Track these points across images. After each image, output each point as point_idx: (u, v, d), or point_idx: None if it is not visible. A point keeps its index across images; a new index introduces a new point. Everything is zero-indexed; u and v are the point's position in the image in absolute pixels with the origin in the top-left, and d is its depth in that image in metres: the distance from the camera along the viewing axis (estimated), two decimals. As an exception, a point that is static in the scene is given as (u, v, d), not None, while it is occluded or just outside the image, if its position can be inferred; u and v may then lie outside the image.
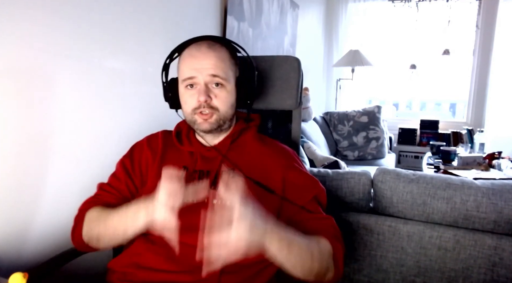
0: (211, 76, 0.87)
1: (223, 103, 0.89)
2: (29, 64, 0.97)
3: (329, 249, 0.81)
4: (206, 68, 0.87)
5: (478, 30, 3.87)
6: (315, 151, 2.56)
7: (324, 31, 4.19)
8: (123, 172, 0.95)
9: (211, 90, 0.88)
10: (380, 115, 3.54)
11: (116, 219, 0.82)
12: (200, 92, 0.87)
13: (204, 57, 0.87)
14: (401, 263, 1.27)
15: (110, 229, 0.83)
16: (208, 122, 0.89)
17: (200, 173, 0.91)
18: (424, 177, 1.27)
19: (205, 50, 0.88)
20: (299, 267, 0.75)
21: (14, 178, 0.97)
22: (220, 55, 0.89)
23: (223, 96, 0.89)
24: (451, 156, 2.83)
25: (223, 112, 0.90)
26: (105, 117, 1.24)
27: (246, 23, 2.18)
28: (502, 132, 3.73)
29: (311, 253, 0.76)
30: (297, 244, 0.74)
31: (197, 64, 0.87)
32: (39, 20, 0.98)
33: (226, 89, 0.89)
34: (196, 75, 0.87)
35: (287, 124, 1.24)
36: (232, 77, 0.91)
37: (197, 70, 0.87)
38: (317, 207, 0.90)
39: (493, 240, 1.17)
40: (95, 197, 0.95)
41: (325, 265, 0.79)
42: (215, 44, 0.90)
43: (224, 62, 0.89)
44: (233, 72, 0.92)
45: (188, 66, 0.89)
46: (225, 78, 0.88)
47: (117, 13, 1.24)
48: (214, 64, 0.87)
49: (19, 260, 0.99)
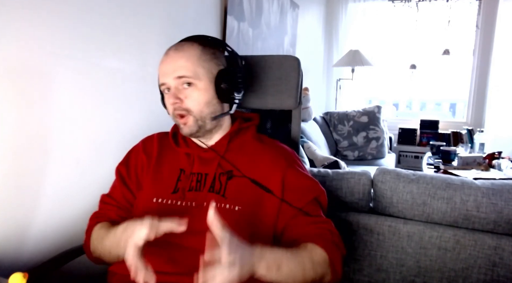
0: (177, 78, 0.87)
1: (195, 103, 0.88)
2: (29, 64, 0.97)
3: (324, 257, 0.82)
4: (172, 71, 0.87)
5: (478, 30, 3.87)
6: (315, 151, 2.56)
7: (324, 31, 4.19)
8: (119, 180, 0.96)
9: (181, 92, 0.88)
10: (380, 115, 3.54)
11: (109, 244, 0.85)
12: (169, 96, 0.88)
13: (170, 60, 0.88)
14: (401, 263, 1.27)
15: (106, 251, 0.86)
16: (187, 126, 0.89)
17: (197, 175, 0.90)
18: (424, 177, 1.27)
19: (172, 53, 0.89)
20: (290, 281, 0.76)
21: (14, 178, 0.97)
22: (187, 54, 0.88)
23: (195, 96, 0.88)
24: (451, 156, 2.83)
25: (198, 112, 0.88)
26: (105, 117, 1.24)
27: (246, 23, 2.18)
28: (502, 132, 3.73)
29: (302, 266, 0.77)
30: (286, 262, 0.75)
31: (165, 68, 0.88)
32: (39, 20, 0.98)
33: (197, 88, 0.88)
34: (165, 81, 0.88)
35: (287, 124, 1.23)
36: (205, 75, 0.88)
37: (165, 75, 0.88)
38: (317, 209, 0.90)
39: (493, 240, 1.17)
40: (99, 212, 0.97)
41: (320, 273, 0.80)
42: (184, 45, 0.90)
43: (191, 61, 0.87)
44: (206, 70, 0.88)
45: (160, 73, 0.90)
46: (192, 77, 0.87)
47: (117, 13, 1.24)
48: (179, 66, 0.87)
49: (19, 260, 0.99)
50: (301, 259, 0.78)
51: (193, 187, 0.89)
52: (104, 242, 0.86)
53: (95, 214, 0.96)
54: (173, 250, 0.84)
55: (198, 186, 0.89)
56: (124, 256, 0.75)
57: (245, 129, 0.98)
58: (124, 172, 0.96)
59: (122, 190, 0.95)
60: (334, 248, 0.84)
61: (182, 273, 0.81)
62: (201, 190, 0.88)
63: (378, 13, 4.13)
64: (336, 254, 0.83)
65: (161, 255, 0.83)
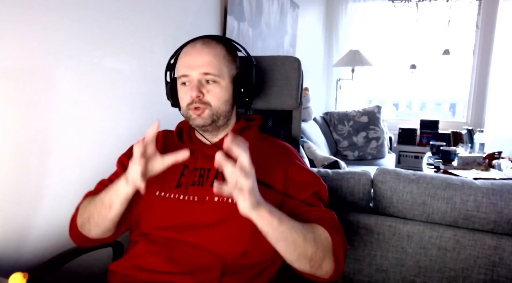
0: (203, 74, 0.87)
1: (215, 99, 0.89)
2: (29, 64, 0.97)
3: (326, 236, 0.79)
4: (199, 66, 0.87)
5: (478, 30, 3.87)
6: (315, 151, 2.57)
7: (324, 31, 4.19)
8: (121, 169, 0.96)
9: (204, 86, 0.88)
10: (380, 115, 3.54)
11: (103, 194, 0.84)
12: (192, 89, 0.87)
13: (197, 54, 0.88)
14: (401, 263, 1.27)
15: (98, 204, 0.85)
16: (201, 117, 0.89)
17: (200, 170, 0.91)
18: (424, 177, 1.27)
19: (199, 47, 0.89)
20: (291, 247, 0.74)
21: (14, 178, 0.97)
22: (215, 51, 0.89)
23: (216, 92, 0.89)
24: (451, 156, 2.83)
25: (216, 108, 0.89)
26: (105, 117, 1.24)
27: (246, 23, 2.18)
28: (502, 132, 3.72)
29: (303, 235, 0.75)
30: (287, 221, 0.73)
31: (191, 61, 0.88)
32: (39, 20, 0.98)
33: (219, 86, 0.89)
34: (189, 73, 0.88)
35: (287, 124, 1.23)
36: (227, 74, 0.91)
37: (190, 67, 0.88)
38: (318, 202, 0.89)
39: (493, 240, 1.17)
40: (93, 190, 0.96)
41: (321, 252, 0.77)
42: (211, 42, 0.91)
43: (218, 59, 0.89)
44: (229, 69, 0.91)
45: (182, 64, 0.90)
46: (218, 75, 0.88)
47: (117, 13, 1.24)
48: (207, 62, 0.88)
49: (19, 260, 0.99)
50: (304, 229, 0.76)
51: (195, 181, 0.89)
52: (98, 197, 0.86)
53: (88, 193, 0.96)
54: (174, 248, 0.84)
55: (201, 180, 0.89)
56: (121, 196, 0.79)
57: (248, 129, 0.99)
58: (127, 162, 0.96)
59: None
60: (338, 236, 0.81)
61: (182, 273, 0.81)
62: (204, 184, 0.88)
63: (378, 13, 4.13)
64: (339, 241, 0.81)
65: (161, 255, 0.83)
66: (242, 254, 0.83)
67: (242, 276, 0.84)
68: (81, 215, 0.90)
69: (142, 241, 0.87)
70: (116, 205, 0.81)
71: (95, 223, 0.86)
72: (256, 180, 0.87)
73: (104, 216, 0.83)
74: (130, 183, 0.76)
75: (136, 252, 0.87)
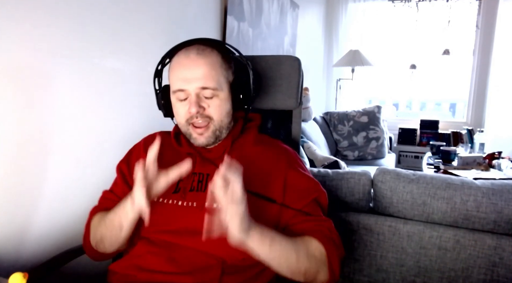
0: (201, 88, 0.84)
1: (217, 112, 0.86)
2: (29, 64, 0.97)
3: (321, 250, 0.80)
4: (196, 79, 0.83)
5: (478, 30, 3.87)
6: (315, 151, 2.57)
7: (324, 31, 4.19)
8: (120, 177, 0.96)
9: (203, 100, 0.85)
10: (380, 115, 3.54)
11: (112, 215, 0.84)
12: (192, 105, 0.83)
13: (193, 65, 0.83)
14: (401, 263, 1.27)
15: (109, 226, 0.85)
16: (204, 137, 0.87)
17: (199, 175, 0.90)
18: (424, 177, 1.27)
19: (194, 57, 0.84)
20: (284, 265, 0.76)
21: (14, 178, 0.97)
22: (211, 61, 0.85)
23: (217, 105, 0.86)
24: (451, 156, 2.83)
25: (219, 122, 0.87)
26: (105, 117, 1.24)
27: (246, 23, 2.18)
28: (502, 132, 3.73)
29: (296, 252, 0.76)
30: (279, 241, 0.74)
31: (187, 74, 0.83)
32: (39, 20, 0.98)
33: (219, 98, 0.86)
34: (185, 88, 0.84)
35: (287, 124, 1.23)
36: (225, 84, 0.88)
37: (186, 81, 0.83)
38: (317, 209, 0.89)
39: (493, 240, 1.17)
40: (99, 206, 0.96)
41: (315, 267, 0.79)
42: (206, 49, 0.86)
43: (215, 69, 0.85)
44: (226, 78, 0.88)
45: (177, 77, 0.85)
46: (216, 88, 0.85)
47: (117, 13, 1.24)
48: (204, 74, 0.83)
49: (19, 260, 0.99)
50: (296, 246, 0.77)
51: (194, 187, 0.88)
52: (107, 217, 0.85)
53: (94, 209, 0.96)
54: (173, 250, 0.84)
55: (200, 186, 0.88)
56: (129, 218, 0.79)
57: (247, 130, 0.97)
58: (125, 169, 0.96)
59: (123, 187, 0.94)
60: (333, 246, 0.82)
61: (182, 273, 0.81)
62: (203, 190, 0.88)
63: (378, 13, 4.13)
64: (334, 252, 0.81)
65: (161, 255, 0.83)
66: (241, 257, 0.83)
67: (242, 276, 0.84)
68: (94, 236, 0.90)
69: (143, 242, 0.87)
70: (126, 227, 0.81)
71: (109, 243, 0.87)
72: (255, 193, 0.86)
73: (117, 237, 0.84)
74: (136, 207, 0.76)
75: (136, 252, 0.87)
